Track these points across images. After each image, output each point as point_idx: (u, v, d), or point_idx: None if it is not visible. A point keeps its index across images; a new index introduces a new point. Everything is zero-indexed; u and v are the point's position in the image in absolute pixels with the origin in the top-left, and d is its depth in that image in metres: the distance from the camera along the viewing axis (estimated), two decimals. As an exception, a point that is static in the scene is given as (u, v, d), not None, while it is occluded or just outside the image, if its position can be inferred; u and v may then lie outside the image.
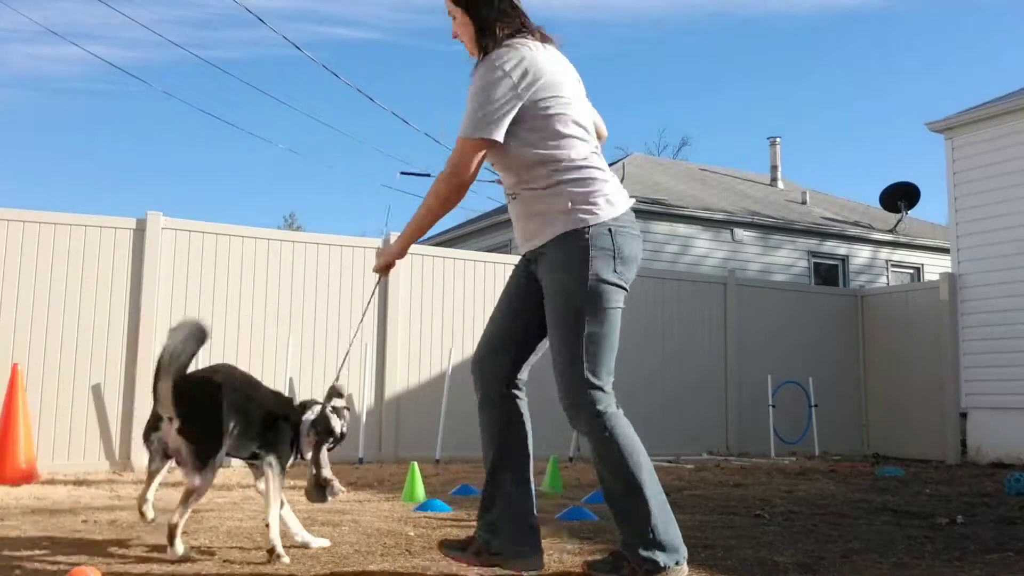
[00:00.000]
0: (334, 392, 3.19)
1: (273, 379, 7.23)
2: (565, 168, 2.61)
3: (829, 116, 61.32)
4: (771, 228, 14.11)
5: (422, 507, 4.51)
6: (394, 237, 8.04)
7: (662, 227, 13.16)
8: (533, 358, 2.77)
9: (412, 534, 3.64)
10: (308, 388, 7.48)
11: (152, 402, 2.87)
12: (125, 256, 6.79)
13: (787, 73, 59.94)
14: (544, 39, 2.67)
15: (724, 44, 58.55)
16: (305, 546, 3.17)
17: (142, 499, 3.04)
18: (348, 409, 3.28)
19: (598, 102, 2.95)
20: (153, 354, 6.73)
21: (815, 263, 14.49)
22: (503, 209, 14.30)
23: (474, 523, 4.06)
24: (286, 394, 7.37)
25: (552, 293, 2.60)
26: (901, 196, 15.32)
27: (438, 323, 8.14)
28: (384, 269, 2.92)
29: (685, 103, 58.89)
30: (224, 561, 2.97)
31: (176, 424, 2.80)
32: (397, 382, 7.87)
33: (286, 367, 7.33)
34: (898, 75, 60.46)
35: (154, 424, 2.88)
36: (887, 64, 60.06)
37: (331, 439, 3.14)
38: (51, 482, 5.60)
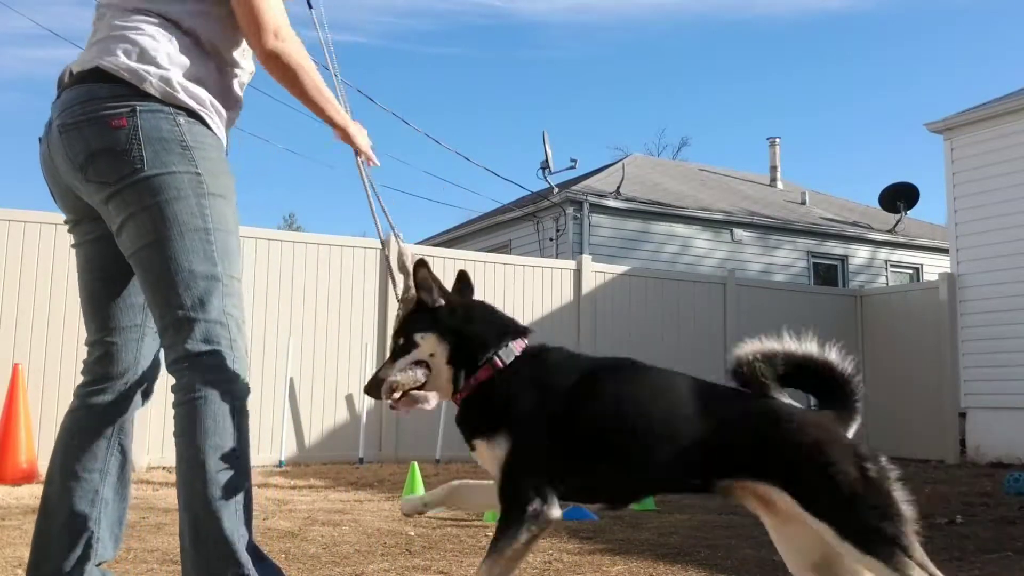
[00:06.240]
0: None
1: (274, 379, 7.24)
2: None
3: (828, 116, 61.37)
4: (770, 228, 14.11)
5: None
6: (393, 238, 8.04)
7: (661, 227, 13.16)
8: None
9: (412, 534, 3.65)
10: (308, 388, 7.49)
11: None
12: (125, 256, 6.79)
13: (787, 74, 59.95)
14: None
15: (720, 45, 58.54)
16: None
17: None
18: None
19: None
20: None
21: (814, 263, 14.49)
22: (503, 209, 14.31)
23: (474, 522, 4.08)
24: (284, 395, 7.37)
25: None
26: (900, 196, 15.31)
27: (438, 323, 8.13)
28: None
29: (685, 103, 58.91)
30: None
31: None
32: (397, 382, 7.85)
33: (286, 367, 7.33)
34: (897, 75, 60.49)
35: None
36: (886, 64, 60.06)
37: None
38: (51, 482, 5.60)
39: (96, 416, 2.01)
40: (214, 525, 1.76)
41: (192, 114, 1.91)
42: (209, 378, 1.83)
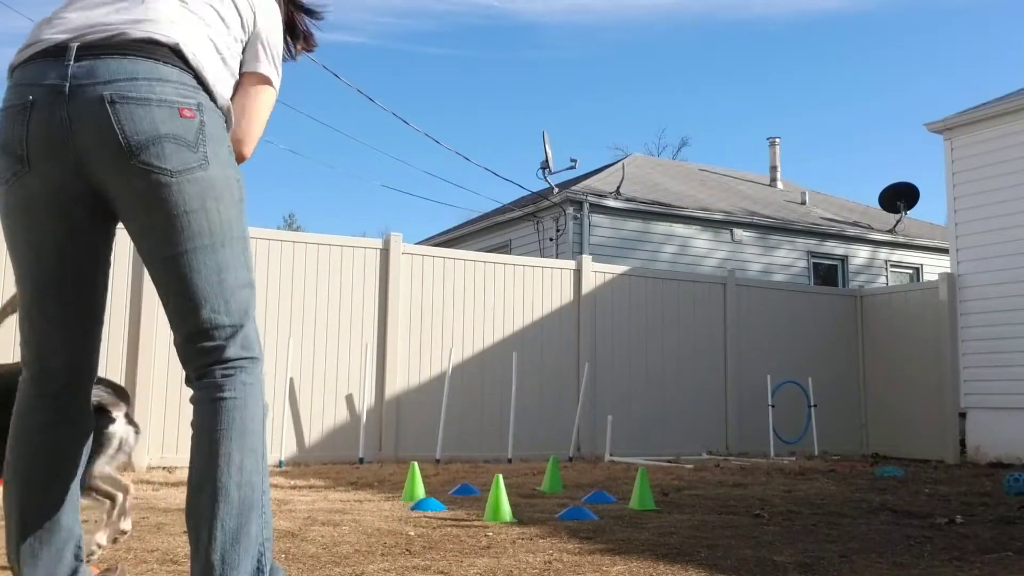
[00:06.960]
0: None
1: (273, 379, 7.24)
2: None
3: (828, 116, 61.32)
4: (770, 228, 14.12)
5: (417, 506, 4.52)
6: (394, 238, 8.06)
7: (661, 227, 13.17)
8: None
9: (412, 534, 3.65)
10: (308, 388, 7.49)
11: None
12: (126, 257, 6.78)
13: (787, 74, 59.95)
14: None
15: (720, 45, 58.55)
16: None
17: None
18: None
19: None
20: (154, 353, 6.74)
21: (814, 263, 14.50)
22: (503, 209, 14.32)
23: (473, 522, 4.08)
24: (284, 395, 7.35)
25: None
26: (900, 196, 15.32)
27: (438, 323, 8.15)
28: None
29: (685, 103, 58.90)
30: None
31: None
32: (397, 382, 7.88)
33: (286, 367, 7.34)
34: (897, 75, 60.49)
35: None
36: (886, 64, 60.07)
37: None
38: (51, 482, 5.60)
39: (70, 423, 1.92)
40: (242, 525, 1.73)
41: (228, 122, 1.91)
42: (246, 381, 1.82)
